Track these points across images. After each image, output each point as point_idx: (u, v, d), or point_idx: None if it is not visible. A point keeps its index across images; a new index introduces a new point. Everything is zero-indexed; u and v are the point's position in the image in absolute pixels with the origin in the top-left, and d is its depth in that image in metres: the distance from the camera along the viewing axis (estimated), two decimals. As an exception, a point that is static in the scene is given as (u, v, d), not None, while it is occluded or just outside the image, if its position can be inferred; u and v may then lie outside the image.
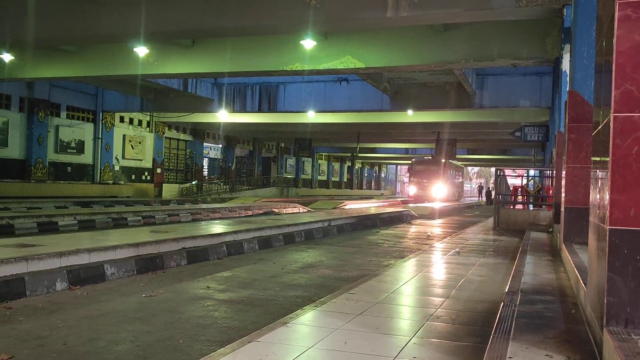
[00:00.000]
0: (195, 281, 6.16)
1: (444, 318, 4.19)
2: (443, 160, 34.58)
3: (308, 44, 12.52)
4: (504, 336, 3.03)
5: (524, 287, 4.62)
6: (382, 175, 71.45)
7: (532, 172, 17.10)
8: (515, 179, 21.38)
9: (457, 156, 35.69)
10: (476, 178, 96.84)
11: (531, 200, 14.92)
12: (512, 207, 14.95)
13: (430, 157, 37.52)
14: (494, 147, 39.60)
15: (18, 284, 5.01)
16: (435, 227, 15.95)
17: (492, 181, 61.19)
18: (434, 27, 12.16)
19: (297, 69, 13.93)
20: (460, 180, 47.24)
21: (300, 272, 6.96)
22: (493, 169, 39.78)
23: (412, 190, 37.09)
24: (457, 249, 8.77)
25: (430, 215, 21.49)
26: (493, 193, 42.73)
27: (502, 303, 3.96)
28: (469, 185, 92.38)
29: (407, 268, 6.78)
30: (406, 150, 45.60)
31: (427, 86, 19.55)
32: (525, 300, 4.07)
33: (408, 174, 39.65)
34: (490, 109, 19.94)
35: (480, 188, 57.21)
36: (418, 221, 18.03)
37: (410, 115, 22.61)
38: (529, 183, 15.22)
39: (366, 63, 13.24)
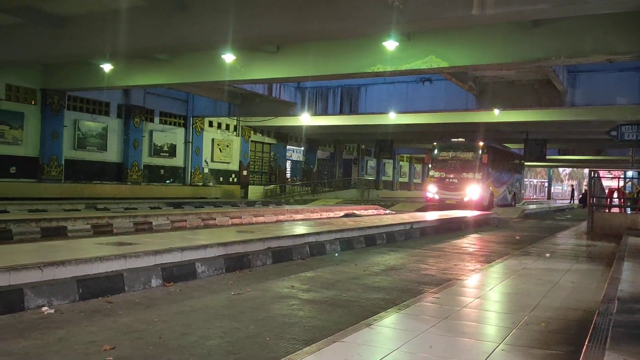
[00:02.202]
0: (280, 280, 6.31)
1: (534, 325, 4.05)
2: (482, 143, 22.92)
3: (390, 45, 12.45)
4: (600, 346, 2.89)
5: (621, 295, 4.37)
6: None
7: (629, 174, 16.04)
8: (610, 180, 20.17)
9: (548, 157, 33.43)
10: (568, 180, 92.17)
11: (629, 204, 14.03)
12: (607, 210, 14.11)
13: (462, 140, 23.96)
14: (587, 147, 37.47)
15: (118, 279, 5.34)
16: (524, 230, 15.35)
17: (585, 183, 58.01)
18: (521, 23, 11.71)
19: (378, 71, 13.89)
20: (519, 176, 30.85)
21: (382, 275, 6.94)
22: (586, 170, 37.60)
23: (431, 190, 23.24)
24: (547, 254, 8.41)
25: (518, 218, 20.71)
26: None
27: (597, 311, 3.78)
28: (560, 187, 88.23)
29: (494, 273, 6.59)
30: (492, 151, 44.12)
31: (514, 84, 18.85)
32: (623, 308, 3.85)
33: (428, 166, 24.98)
34: (583, 107, 18.91)
35: (573, 190, 54.38)
36: (506, 224, 17.43)
37: (496, 115, 21.89)
38: (627, 185, 14.31)
39: (450, 62, 12.97)
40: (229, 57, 14.07)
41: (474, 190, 22.29)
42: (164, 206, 18.26)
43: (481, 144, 22.85)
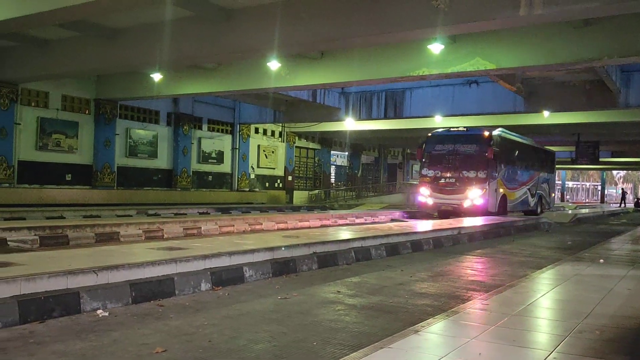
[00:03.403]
0: (326, 285, 6.32)
1: (587, 333, 3.92)
2: (487, 133, 18.33)
3: (435, 48, 12.34)
4: (659, 356, 2.79)
5: (682, 303, 4.19)
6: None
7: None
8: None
9: (600, 159, 32.22)
10: (622, 183, 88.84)
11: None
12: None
13: (463, 129, 19.63)
14: (643, 148, 36.04)
15: (169, 283, 5.48)
16: (576, 235, 14.89)
17: (641, 186, 55.69)
18: (571, 22, 11.40)
19: (424, 74, 13.78)
20: (547, 176, 24.41)
21: (429, 281, 6.87)
22: (643, 173, 36.01)
23: (423, 193, 18.98)
24: (601, 260, 8.14)
25: (570, 222, 20.11)
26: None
27: (656, 320, 3.63)
28: (614, 190, 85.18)
29: (545, 279, 6.43)
30: (542, 154, 43.06)
31: (564, 85, 18.35)
32: (684, 318, 3.69)
33: (419, 162, 20.65)
34: (638, 107, 18.22)
35: (624, 193, 52.27)
36: (556, 229, 16.96)
37: (546, 117, 21.34)
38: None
39: (497, 64, 12.75)
40: (274, 65, 14.25)
41: (477, 192, 17.83)
42: (212, 211, 18.61)
43: (487, 133, 18.33)
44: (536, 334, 4.00)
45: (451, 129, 19.82)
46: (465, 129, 19.45)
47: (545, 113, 20.38)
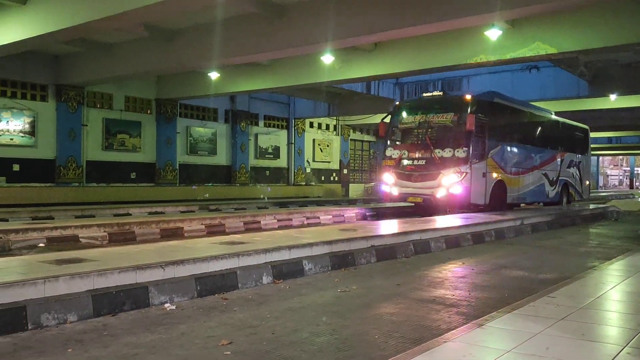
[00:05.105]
0: (385, 278, 6.31)
1: (663, 327, 3.75)
2: (468, 97, 13.59)
3: (493, 34, 12.02)
4: None
5: None
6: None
7: None
8: None
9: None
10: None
11: None
12: None
13: (438, 94, 14.98)
14: None
15: (232, 277, 5.61)
16: (648, 224, 14.21)
17: None
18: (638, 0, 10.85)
19: (481, 61, 13.45)
20: (575, 158, 18.91)
21: (492, 273, 6.73)
22: None
23: (387, 180, 14.59)
24: (676, 250, 7.74)
25: (640, 211, 19.19)
26: None
27: None
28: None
29: (615, 271, 6.17)
30: (609, 140, 41.22)
31: (632, 67, 17.47)
32: None
33: (383, 141, 15.52)
34: None
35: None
36: (625, 218, 16.23)
37: (612, 101, 20.40)
38: None
39: (559, 48, 12.28)
40: (327, 58, 14.26)
41: (454, 177, 13.14)
42: (270, 206, 18.87)
43: (468, 97, 13.56)
44: (606, 328, 3.86)
45: (424, 95, 15.54)
46: (441, 94, 14.98)
47: (612, 97, 19.49)
